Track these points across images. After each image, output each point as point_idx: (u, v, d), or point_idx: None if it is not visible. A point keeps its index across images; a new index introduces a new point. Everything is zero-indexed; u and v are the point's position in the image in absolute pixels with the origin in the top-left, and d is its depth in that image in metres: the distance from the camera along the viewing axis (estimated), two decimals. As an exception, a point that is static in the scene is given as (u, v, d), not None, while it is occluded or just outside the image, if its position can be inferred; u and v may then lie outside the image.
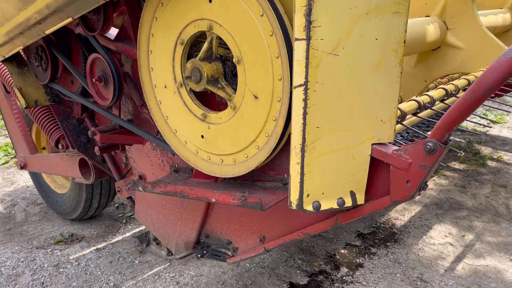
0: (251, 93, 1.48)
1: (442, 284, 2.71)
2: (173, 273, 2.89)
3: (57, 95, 2.59)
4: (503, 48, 2.56)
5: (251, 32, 1.40)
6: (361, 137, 1.31)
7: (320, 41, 1.18)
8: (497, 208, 3.63)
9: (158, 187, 1.88)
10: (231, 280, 2.80)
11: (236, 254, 1.96)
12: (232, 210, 1.93)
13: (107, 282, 2.85)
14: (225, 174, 1.69)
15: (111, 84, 1.99)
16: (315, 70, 1.20)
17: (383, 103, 1.29)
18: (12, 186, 4.45)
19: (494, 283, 2.72)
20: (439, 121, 1.20)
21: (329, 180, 1.33)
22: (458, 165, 4.42)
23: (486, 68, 1.08)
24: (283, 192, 1.57)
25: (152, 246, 2.49)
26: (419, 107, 2.02)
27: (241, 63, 1.47)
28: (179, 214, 2.13)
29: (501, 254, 3.02)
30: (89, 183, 2.86)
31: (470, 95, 1.09)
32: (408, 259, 2.97)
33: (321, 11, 1.16)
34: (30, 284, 2.85)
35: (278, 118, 1.43)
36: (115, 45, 2.01)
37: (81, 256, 3.16)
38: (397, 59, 1.26)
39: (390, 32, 1.23)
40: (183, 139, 1.79)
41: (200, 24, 1.54)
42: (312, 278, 2.80)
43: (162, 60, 1.70)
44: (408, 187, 1.28)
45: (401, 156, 1.26)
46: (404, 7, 1.22)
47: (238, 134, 1.58)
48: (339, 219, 1.50)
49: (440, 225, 3.39)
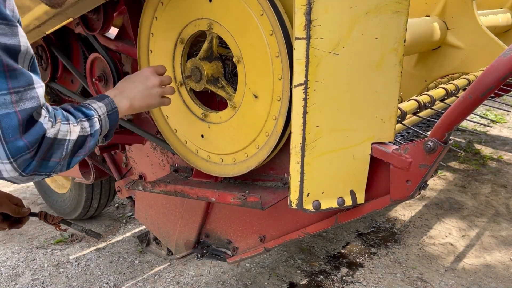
0: (251, 92, 1.48)
1: (442, 284, 2.71)
2: (173, 273, 2.89)
3: (57, 95, 2.59)
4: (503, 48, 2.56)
5: (251, 32, 1.40)
6: (361, 136, 1.30)
7: (320, 40, 1.18)
8: (497, 208, 3.63)
9: (158, 187, 1.88)
10: (231, 280, 2.80)
11: (236, 254, 1.96)
12: (232, 210, 1.92)
13: (107, 282, 2.85)
14: (225, 173, 1.68)
15: (111, 84, 1.99)
16: (315, 70, 1.20)
17: (383, 103, 1.29)
18: (12, 186, 4.45)
19: (494, 283, 2.71)
20: (439, 120, 1.19)
21: (329, 179, 1.33)
22: (458, 164, 4.42)
23: (486, 67, 1.08)
24: (283, 191, 1.57)
25: (152, 246, 2.49)
26: (419, 107, 2.02)
27: (241, 62, 1.47)
28: (179, 214, 2.13)
29: (501, 254, 3.02)
30: (89, 182, 2.86)
31: (470, 95, 1.09)
32: (408, 259, 2.97)
33: (321, 10, 1.16)
34: (30, 284, 2.84)
35: (278, 118, 1.43)
36: (115, 44, 2.01)
37: (81, 256, 3.16)
38: (397, 58, 1.26)
39: (390, 32, 1.23)
40: (183, 138, 1.79)
41: (200, 23, 1.54)
42: (312, 278, 2.80)
43: (162, 60, 1.70)
44: (408, 186, 1.28)
45: (401, 155, 1.26)
46: (404, 7, 1.22)
47: (238, 133, 1.58)
48: (339, 218, 1.50)
49: (440, 225, 3.39)
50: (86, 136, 1.13)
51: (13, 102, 0.92)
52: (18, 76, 0.92)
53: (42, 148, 0.99)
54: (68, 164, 1.10)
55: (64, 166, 1.09)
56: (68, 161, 1.10)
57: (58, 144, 1.03)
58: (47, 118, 1.00)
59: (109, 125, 1.24)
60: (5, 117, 0.92)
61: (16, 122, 0.93)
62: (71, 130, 1.07)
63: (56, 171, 1.08)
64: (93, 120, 1.16)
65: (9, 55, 0.91)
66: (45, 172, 1.05)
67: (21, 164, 0.97)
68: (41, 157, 1.00)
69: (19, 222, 1.76)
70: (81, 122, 1.12)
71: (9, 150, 0.94)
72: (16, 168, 0.97)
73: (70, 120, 1.09)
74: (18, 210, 1.71)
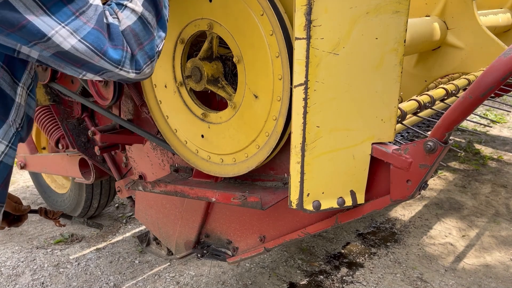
0: (251, 92, 1.48)
1: (442, 284, 2.71)
2: (173, 273, 2.89)
3: (57, 95, 2.59)
4: (503, 48, 2.56)
5: (251, 32, 1.40)
6: (361, 136, 1.31)
7: (320, 41, 1.18)
8: (497, 208, 3.63)
9: (158, 187, 1.88)
10: (231, 280, 2.80)
11: (236, 254, 1.96)
12: (232, 210, 1.92)
13: (107, 282, 2.85)
14: (225, 173, 1.69)
15: (111, 84, 1.99)
16: (315, 70, 1.20)
17: (383, 103, 1.29)
18: (12, 186, 4.45)
19: (494, 283, 2.71)
20: (439, 120, 1.19)
21: (329, 179, 1.33)
22: (458, 164, 4.42)
23: (486, 67, 1.08)
24: (283, 191, 1.57)
25: (152, 246, 2.48)
26: (419, 107, 2.01)
27: (241, 62, 1.47)
28: (179, 214, 2.13)
29: (502, 254, 3.02)
30: (89, 182, 2.86)
31: (470, 95, 1.09)
32: (408, 259, 2.97)
33: (321, 10, 1.16)
34: (30, 284, 2.84)
35: (278, 118, 1.43)
36: (115, 44, 2.01)
37: (81, 256, 3.16)
38: (397, 58, 1.26)
39: (390, 32, 1.23)
40: (183, 138, 1.79)
41: (200, 23, 1.54)
42: (312, 278, 2.80)
43: (162, 60, 1.70)
44: (408, 186, 1.28)
45: (401, 155, 1.26)
46: (404, 7, 1.22)
47: (238, 133, 1.58)
48: (339, 218, 1.50)
49: (440, 225, 3.39)
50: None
51: (85, 22, 0.98)
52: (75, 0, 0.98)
53: (131, 42, 1.05)
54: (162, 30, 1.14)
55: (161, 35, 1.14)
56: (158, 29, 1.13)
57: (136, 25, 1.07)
58: (111, 18, 1.05)
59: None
60: (88, 36, 0.97)
61: (99, 33, 0.99)
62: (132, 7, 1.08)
63: (159, 45, 1.13)
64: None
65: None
66: (152, 54, 1.10)
67: (129, 66, 1.05)
68: (138, 48, 1.06)
69: (18, 220, 1.76)
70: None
71: (109, 59, 1.01)
72: (129, 70, 1.05)
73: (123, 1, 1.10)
74: (18, 208, 1.72)
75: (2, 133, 1.10)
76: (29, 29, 0.92)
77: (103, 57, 1.00)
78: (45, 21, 0.93)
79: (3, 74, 1.06)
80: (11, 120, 1.12)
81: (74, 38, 0.96)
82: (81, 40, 0.97)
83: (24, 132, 1.21)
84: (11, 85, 1.09)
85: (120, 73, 1.05)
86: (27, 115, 1.20)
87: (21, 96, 1.13)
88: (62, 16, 0.95)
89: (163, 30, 1.16)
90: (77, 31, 0.96)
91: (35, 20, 0.92)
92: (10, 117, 1.11)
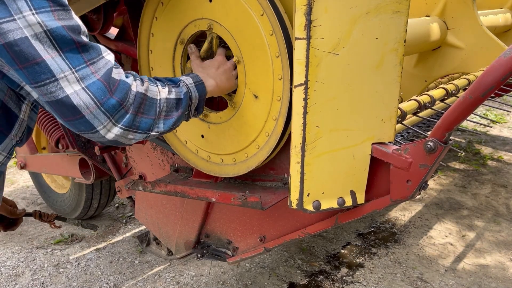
0: (251, 92, 1.48)
1: (442, 284, 2.71)
2: (173, 273, 2.89)
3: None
4: (503, 48, 2.56)
5: (251, 32, 1.40)
6: (361, 136, 1.31)
7: (320, 41, 1.18)
8: (497, 208, 3.63)
9: (158, 187, 1.88)
10: (231, 280, 2.80)
11: (236, 254, 1.96)
12: (232, 210, 1.92)
13: (107, 282, 2.85)
14: (225, 173, 1.69)
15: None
16: (315, 70, 1.20)
17: (383, 103, 1.29)
18: (12, 186, 4.45)
19: (494, 283, 2.71)
20: (440, 120, 1.19)
21: (329, 179, 1.33)
22: (458, 164, 4.42)
23: (486, 67, 1.08)
24: (283, 192, 1.57)
25: (152, 246, 2.49)
26: (419, 107, 2.01)
27: (241, 62, 1.47)
28: (179, 214, 2.13)
29: (502, 254, 3.02)
30: (89, 182, 2.86)
31: (470, 95, 1.09)
32: (408, 259, 2.97)
33: (321, 10, 1.16)
34: (30, 284, 2.84)
35: (278, 118, 1.43)
36: (115, 45, 2.01)
37: (81, 256, 3.16)
38: (398, 58, 1.26)
39: (390, 32, 1.23)
40: (183, 138, 1.79)
41: (200, 23, 1.54)
42: (312, 278, 2.80)
43: (162, 60, 1.70)
44: (408, 186, 1.28)
45: (402, 155, 1.26)
46: (405, 7, 1.22)
47: (238, 133, 1.58)
48: (339, 218, 1.50)
49: (441, 225, 3.39)
50: (176, 99, 1.24)
51: (93, 72, 1.02)
52: (89, 49, 1.03)
53: (136, 103, 1.10)
54: (164, 125, 1.21)
55: (160, 126, 1.20)
56: (163, 121, 1.20)
57: (150, 101, 1.15)
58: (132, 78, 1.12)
59: (198, 95, 1.33)
60: (92, 86, 1.02)
61: (102, 86, 1.03)
62: (160, 91, 1.19)
63: (153, 131, 1.18)
64: (181, 86, 1.28)
65: (74, 33, 1.00)
66: (143, 130, 1.15)
67: (118, 118, 1.08)
68: (135, 112, 1.11)
69: (13, 224, 1.76)
70: (168, 86, 1.23)
71: (105, 109, 1.04)
72: (115, 122, 1.07)
73: (158, 83, 1.20)
74: (13, 211, 1.72)
75: (3, 146, 1.15)
76: (42, 67, 0.96)
77: (100, 107, 1.03)
78: (58, 63, 0.97)
79: (10, 93, 1.09)
80: (13, 135, 1.17)
81: (78, 85, 1.00)
82: (84, 88, 1.01)
83: (23, 143, 1.25)
84: (16, 103, 1.13)
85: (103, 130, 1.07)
86: (28, 127, 1.23)
87: (25, 112, 1.17)
88: (74, 62, 1.00)
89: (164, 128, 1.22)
90: (83, 79, 1.01)
91: (49, 60, 0.96)
92: (13, 132, 1.16)
